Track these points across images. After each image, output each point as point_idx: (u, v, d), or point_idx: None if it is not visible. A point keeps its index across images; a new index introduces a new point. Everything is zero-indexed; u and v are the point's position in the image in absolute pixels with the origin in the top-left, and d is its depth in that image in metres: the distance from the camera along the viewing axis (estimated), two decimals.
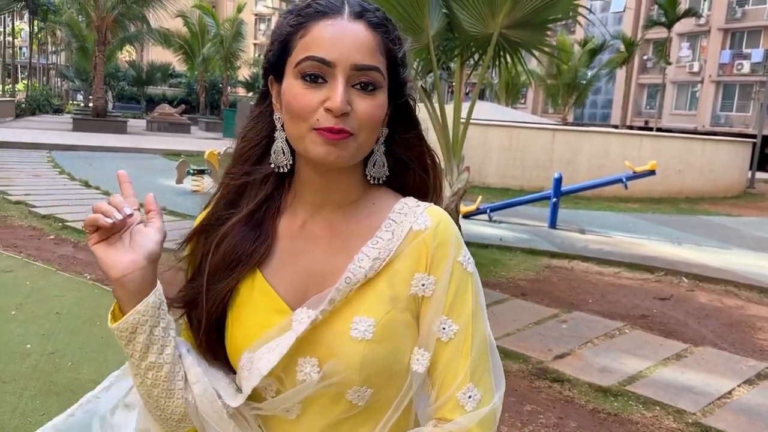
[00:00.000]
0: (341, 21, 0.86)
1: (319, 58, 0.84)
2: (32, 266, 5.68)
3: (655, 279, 6.97)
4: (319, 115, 0.84)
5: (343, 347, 0.86)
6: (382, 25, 0.89)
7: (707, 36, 36.88)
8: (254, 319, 0.91)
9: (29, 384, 3.36)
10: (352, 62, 0.84)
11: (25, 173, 11.53)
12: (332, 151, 0.84)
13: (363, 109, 0.85)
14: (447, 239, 0.91)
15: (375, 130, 0.89)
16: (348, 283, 0.87)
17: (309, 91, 0.85)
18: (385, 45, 0.88)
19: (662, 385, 4.05)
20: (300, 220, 0.95)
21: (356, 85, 0.85)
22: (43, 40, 43.95)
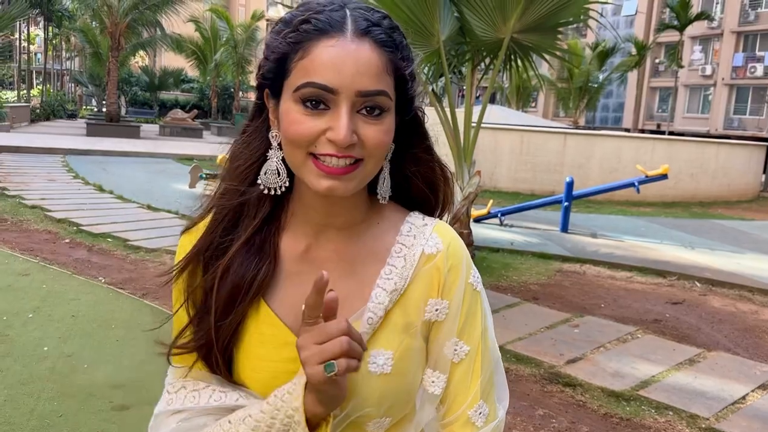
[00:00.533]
0: (344, 41, 0.78)
1: (320, 85, 0.77)
2: (48, 270, 5.74)
3: (668, 283, 6.94)
4: (320, 142, 0.78)
5: (363, 383, 0.83)
6: (390, 40, 0.81)
7: (720, 39, 36.67)
8: (261, 352, 0.86)
9: (46, 386, 3.41)
10: (357, 88, 0.77)
11: (41, 178, 11.65)
12: (336, 185, 0.79)
13: (370, 136, 0.79)
14: (459, 262, 0.90)
15: (383, 156, 0.84)
16: (370, 324, 0.85)
17: (309, 118, 0.78)
18: (393, 64, 0.81)
19: (675, 390, 4.04)
20: (303, 242, 0.89)
21: (361, 110, 0.79)
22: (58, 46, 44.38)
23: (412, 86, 0.85)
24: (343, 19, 0.79)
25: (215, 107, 34.30)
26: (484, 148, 13.71)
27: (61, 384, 3.45)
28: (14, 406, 3.17)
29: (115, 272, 5.84)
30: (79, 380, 3.51)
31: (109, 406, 3.26)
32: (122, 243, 6.96)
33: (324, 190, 0.79)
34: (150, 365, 3.77)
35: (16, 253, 6.23)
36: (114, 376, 3.60)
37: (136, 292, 5.26)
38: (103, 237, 7.19)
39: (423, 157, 0.92)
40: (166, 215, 8.83)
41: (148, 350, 4.00)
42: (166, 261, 6.34)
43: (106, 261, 6.25)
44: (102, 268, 5.93)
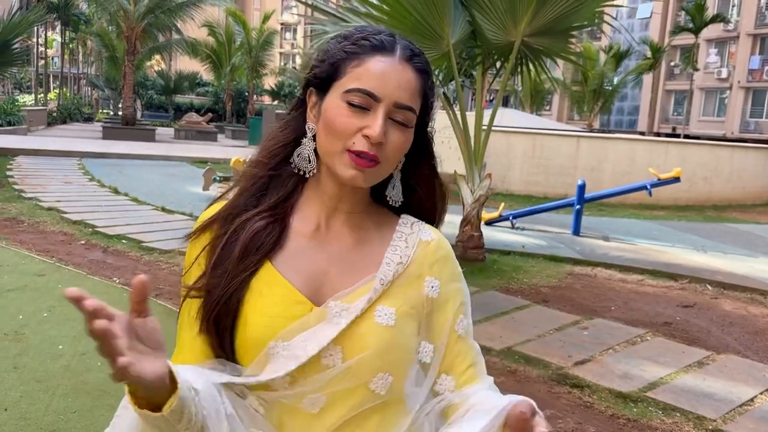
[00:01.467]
0: (393, 60, 0.95)
1: (368, 92, 0.93)
2: (64, 270, 5.85)
3: (679, 286, 6.93)
4: (356, 139, 0.93)
5: (370, 333, 0.95)
6: (426, 71, 0.98)
7: (736, 42, 36.38)
8: (276, 310, 0.95)
9: (61, 383, 3.48)
10: (396, 100, 0.94)
11: (57, 180, 11.82)
12: (359, 176, 0.94)
13: (394, 141, 0.95)
14: (449, 251, 1.07)
15: (396, 162, 0.99)
16: (382, 284, 0.98)
17: (352, 115, 0.93)
18: (424, 90, 0.98)
19: (683, 392, 4.05)
20: (313, 222, 1.02)
21: (393, 119, 0.95)
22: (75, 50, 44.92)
23: (431, 113, 1.03)
24: (394, 44, 0.97)
25: (230, 111, 34.53)
26: (497, 151, 13.72)
27: (76, 381, 3.52)
28: (30, 402, 3.25)
29: (130, 273, 5.93)
30: (92, 378, 3.58)
31: None
32: (137, 244, 7.06)
33: (349, 179, 0.94)
34: None
35: (33, 254, 6.35)
36: None
37: (149, 292, 5.34)
38: (118, 238, 7.30)
39: (427, 174, 1.07)
40: (180, 217, 8.93)
41: None
42: (180, 262, 6.43)
43: (121, 262, 6.35)
44: (116, 269, 6.03)
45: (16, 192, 10.10)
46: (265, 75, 36.09)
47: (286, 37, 59.80)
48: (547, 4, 6.47)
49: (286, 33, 60.02)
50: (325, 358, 0.93)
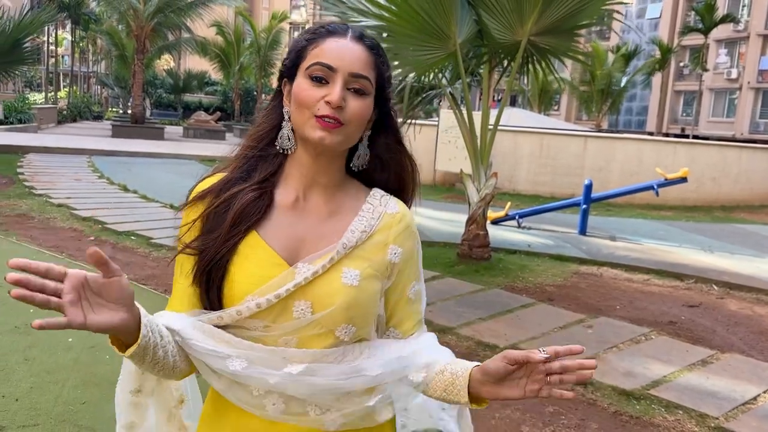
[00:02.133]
0: (345, 40, 1.12)
1: (325, 64, 1.09)
2: (74, 266, 5.90)
3: (685, 286, 6.93)
4: (320, 105, 1.08)
5: (336, 291, 1.10)
6: (376, 48, 1.14)
7: (746, 42, 36.20)
8: (257, 270, 1.10)
9: (71, 375, 3.54)
10: (350, 70, 1.09)
11: (67, 177, 11.93)
12: (326, 136, 1.08)
13: (353, 106, 1.09)
14: (411, 223, 1.21)
15: (361, 126, 1.13)
16: (344, 248, 1.12)
17: (314, 88, 1.09)
18: (376, 63, 1.13)
19: (686, 390, 4.07)
20: (293, 196, 1.16)
21: (351, 88, 1.09)
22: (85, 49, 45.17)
23: (388, 87, 1.18)
24: (346, 29, 1.14)
25: (238, 110, 34.65)
26: (504, 150, 13.73)
27: (85, 373, 3.58)
28: (40, 393, 3.31)
29: (138, 269, 6.00)
30: (101, 370, 3.64)
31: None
32: (145, 241, 7.13)
33: (317, 138, 1.08)
34: None
35: (43, 250, 6.42)
36: None
37: (158, 288, 5.41)
38: (127, 235, 7.37)
39: (393, 147, 1.22)
40: None
41: None
42: None
43: (130, 258, 6.41)
44: (125, 265, 6.09)
45: (27, 188, 10.21)
46: (273, 74, 36.20)
47: (294, 36, 59.96)
48: (553, 3, 6.48)
49: (294, 32, 60.12)
50: (296, 312, 1.09)
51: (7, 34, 12.92)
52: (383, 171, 1.22)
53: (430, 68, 6.97)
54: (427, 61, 6.65)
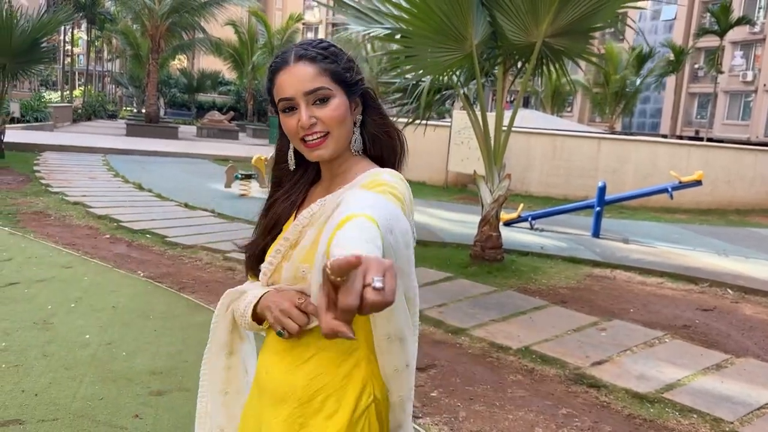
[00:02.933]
0: (288, 67, 1.26)
1: (283, 98, 1.26)
2: (90, 263, 5.98)
3: (699, 290, 6.89)
4: (299, 130, 1.26)
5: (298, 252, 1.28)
6: (318, 55, 1.26)
7: (762, 44, 35.88)
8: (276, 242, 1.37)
9: (88, 371, 3.59)
10: (303, 90, 1.25)
11: (82, 176, 12.04)
12: (319, 153, 1.28)
13: (324, 114, 1.25)
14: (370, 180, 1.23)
15: (342, 123, 1.28)
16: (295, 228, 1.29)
17: (289, 118, 1.28)
18: (323, 67, 1.26)
19: (700, 394, 4.05)
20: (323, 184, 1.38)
21: (315, 102, 1.25)
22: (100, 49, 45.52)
23: (350, 75, 1.29)
24: (287, 55, 1.28)
25: (251, 109, 34.79)
26: (517, 152, 13.70)
27: (102, 369, 3.62)
28: (59, 388, 3.35)
29: (154, 267, 6.05)
30: (118, 366, 3.68)
31: (147, 391, 3.42)
32: (160, 239, 7.18)
33: (316, 157, 1.29)
34: (185, 354, 3.93)
35: (60, 247, 6.50)
36: (151, 363, 3.77)
37: (173, 285, 5.45)
38: (142, 233, 7.43)
39: (379, 122, 1.36)
40: (202, 213, 9.06)
41: (184, 340, 4.17)
42: (203, 257, 6.54)
43: (145, 256, 6.47)
44: (141, 263, 6.15)
45: (43, 186, 10.32)
46: None
47: (307, 36, 60.02)
48: (568, 5, 6.47)
49: (307, 33, 60.24)
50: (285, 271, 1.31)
51: (26, 34, 13.06)
52: (374, 145, 1.36)
53: (447, 69, 6.98)
54: (444, 63, 6.67)
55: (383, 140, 1.36)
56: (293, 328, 1.23)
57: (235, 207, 9.62)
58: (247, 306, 1.34)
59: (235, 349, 1.47)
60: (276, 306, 1.25)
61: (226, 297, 1.43)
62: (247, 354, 1.50)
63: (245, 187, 11.06)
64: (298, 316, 1.23)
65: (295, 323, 1.22)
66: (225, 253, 6.66)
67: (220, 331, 1.45)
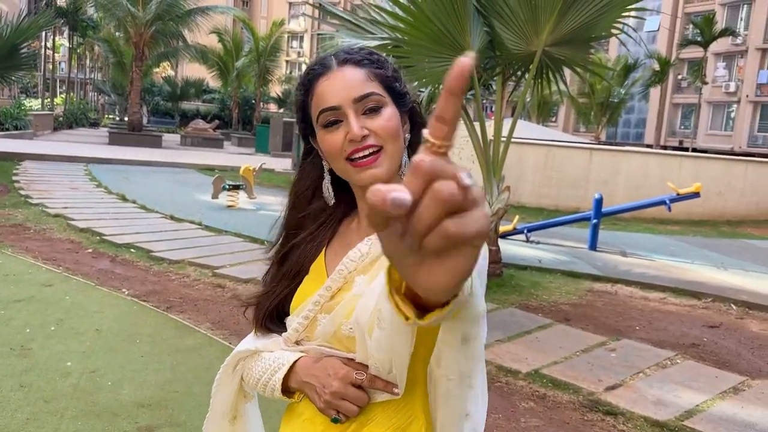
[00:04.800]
0: (331, 72, 1.07)
1: (328, 108, 1.05)
2: (71, 281, 5.67)
3: (703, 305, 6.72)
4: (346, 146, 1.04)
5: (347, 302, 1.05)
6: (364, 59, 1.08)
7: (744, 56, 36.26)
8: (304, 287, 1.15)
9: (70, 404, 3.29)
10: (352, 97, 1.04)
11: (63, 186, 11.66)
12: (372, 173, 1.04)
13: (377, 126, 1.04)
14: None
15: (396, 137, 1.06)
16: (351, 258, 1.08)
17: (333, 134, 1.05)
18: (373, 72, 1.07)
19: (722, 421, 3.84)
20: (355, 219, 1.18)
21: (365, 112, 1.04)
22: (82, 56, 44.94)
23: (399, 84, 1.10)
24: (329, 60, 1.08)
25: (236, 118, 34.46)
26: (509, 162, 13.49)
27: (85, 402, 3.33)
28: (38, 425, 3.06)
29: (139, 284, 5.75)
30: (103, 398, 3.39)
31: (135, 426, 3.13)
32: (145, 254, 6.88)
33: (368, 179, 1.03)
34: (175, 384, 3.65)
35: (39, 263, 6.17)
36: (139, 394, 3.49)
37: (160, 305, 5.16)
38: (126, 247, 7.12)
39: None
40: (189, 226, 8.76)
41: (173, 368, 3.88)
42: (190, 273, 6.25)
43: (130, 272, 6.16)
44: (125, 280, 5.85)
45: (23, 197, 9.95)
46: (271, 82, 36.02)
47: (292, 45, 59.80)
48: (569, 14, 6.31)
49: (292, 41, 60.04)
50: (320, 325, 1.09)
51: (4, 39, 12.71)
52: None
53: None
54: (442, 73, 6.45)
55: None
56: (353, 411, 1.01)
57: (223, 219, 9.32)
58: (275, 377, 1.11)
59: (240, 412, 1.28)
60: (323, 386, 1.02)
61: (233, 358, 1.22)
62: (250, 415, 1.30)
63: (233, 198, 10.76)
64: (356, 396, 1.00)
65: (355, 405, 1.01)
66: (214, 269, 6.38)
67: (224, 395, 1.25)
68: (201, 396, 3.46)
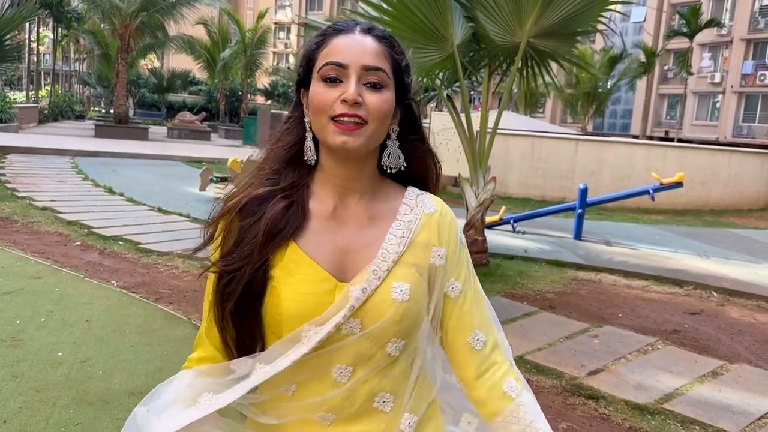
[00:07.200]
0: (353, 34, 1.06)
1: (335, 62, 1.03)
2: (60, 273, 5.69)
3: (685, 293, 6.85)
4: (336, 105, 1.02)
5: (387, 306, 1.04)
6: (387, 38, 1.08)
7: (729, 46, 36.50)
8: (305, 287, 1.04)
9: (62, 393, 3.34)
10: (362, 63, 1.03)
11: (50, 179, 11.63)
12: (348, 140, 1.02)
13: (372, 101, 1.03)
14: (451, 220, 1.16)
15: (384, 121, 1.06)
16: (384, 259, 1.06)
17: (328, 89, 1.03)
18: (389, 53, 1.07)
19: (700, 404, 3.96)
20: (330, 205, 1.10)
21: (367, 83, 1.03)
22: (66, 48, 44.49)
23: (407, 76, 1.10)
24: (354, 24, 1.09)
25: (223, 110, 34.32)
26: (495, 153, 13.60)
27: (77, 391, 3.38)
28: (30, 413, 3.11)
29: (128, 276, 5.79)
30: (94, 387, 3.45)
31: (126, 414, 3.16)
32: (134, 246, 6.91)
33: (340, 144, 1.02)
34: (166, 373, 3.69)
35: (28, 256, 6.19)
36: (130, 382, 3.54)
37: (149, 296, 5.20)
38: (115, 240, 7.14)
39: (419, 146, 1.16)
40: (177, 218, 8.78)
41: (163, 357, 3.94)
42: (179, 265, 6.29)
43: (118, 264, 6.20)
44: (114, 272, 5.88)
45: (9, 191, 9.92)
46: (258, 74, 35.87)
47: (279, 36, 59.50)
48: (551, 5, 6.38)
49: (279, 32, 59.73)
50: (345, 329, 1.03)
51: None
52: (408, 168, 1.15)
53: (430, 71, 6.83)
54: (425, 64, 6.52)
55: (416, 167, 1.16)
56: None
57: (211, 211, 9.34)
58: None
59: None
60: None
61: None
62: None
63: (221, 191, 10.76)
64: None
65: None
66: (203, 261, 6.40)
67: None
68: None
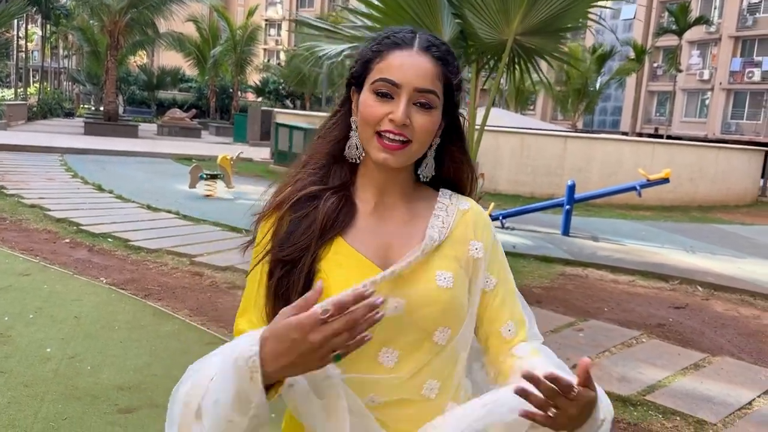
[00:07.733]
0: (411, 52, 1.08)
1: (389, 80, 1.06)
2: (49, 270, 5.70)
3: (670, 288, 6.93)
4: (384, 122, 1.06)
5: (432, 294, 1.09)
6: (444, 58, 1.10)
7: (718, 44, 36.75)
8: (352, 277, 1.05)
9: (50, 388, 3.37)
10: (415, 86, 1.06)
11: (39, 177, 11.59)
12: (389, 158, 1.07)
13: (419, 122, 1.07)
14: (485, 216, 1.22)
15: (427, 141, 1.11)
16: (432, 241, 1.12)
17: (379, 103, 1.07)
18: (443, 74, 1.10)
19: (682, 395, 4.03)
20: (371, 202, 1.15)
21: (416, 103, 1.07)
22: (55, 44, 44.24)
23: (456, 94, 1.16)
24: (412, 38, 1.10)
25: (214, 107, 34.23)
26: (485, 150, 13.66)
27: (65, 386, 3.41)
28: (18, 408, 3.13)
29: (117, 273, 5.80)
30: (83, 382, 3.47)
31: (114, 408, 3.22)
32: (123, 243, 6.92)
33: (381, 161, 1.08)
34: (154, 367, 3.74)
35: (16, 253, 6.19)
36: (118, 378, 3.57)
37: (138, 293, 5.22)
38: (104, 237, 7.15)
39: (458, 157, 1.21)
40: (166, 215, 8.78)
41: (152, 352, 3.97)
42: (168, 262, 6.31)
43: (107, 261, 6.21)
44: (103, 269, 5.90)
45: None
46: (249, 71, 35.79)
47: (270, 33, 59.36)
48: (538, 3, 6.42)
49: (270, 29, 59.58)
50: (390, 308, 1.05)
51: None
52: (445, 177, 1.22)
53: None
54: None
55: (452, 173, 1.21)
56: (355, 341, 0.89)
57: (200, 208, 9.36)
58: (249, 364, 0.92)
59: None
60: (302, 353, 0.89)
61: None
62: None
63: (210, 188, 10.78)
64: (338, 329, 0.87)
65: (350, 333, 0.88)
66: (192, 258, 6.44)
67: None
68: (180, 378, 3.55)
